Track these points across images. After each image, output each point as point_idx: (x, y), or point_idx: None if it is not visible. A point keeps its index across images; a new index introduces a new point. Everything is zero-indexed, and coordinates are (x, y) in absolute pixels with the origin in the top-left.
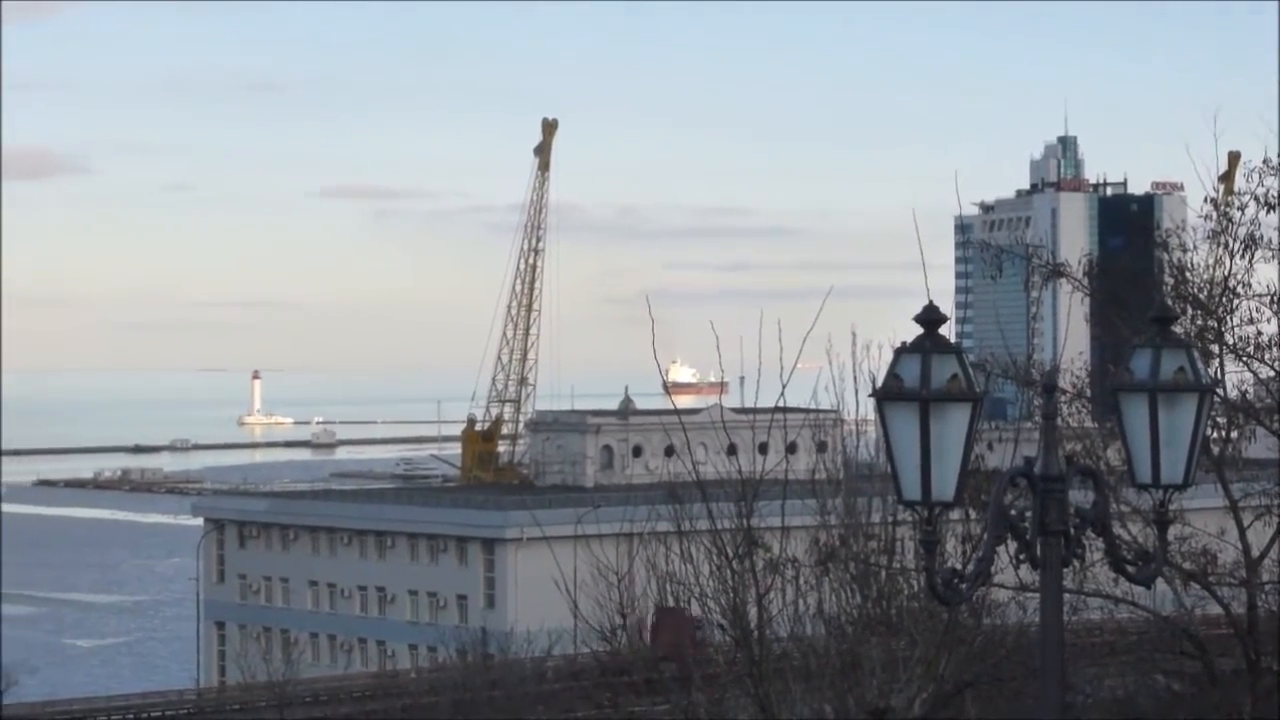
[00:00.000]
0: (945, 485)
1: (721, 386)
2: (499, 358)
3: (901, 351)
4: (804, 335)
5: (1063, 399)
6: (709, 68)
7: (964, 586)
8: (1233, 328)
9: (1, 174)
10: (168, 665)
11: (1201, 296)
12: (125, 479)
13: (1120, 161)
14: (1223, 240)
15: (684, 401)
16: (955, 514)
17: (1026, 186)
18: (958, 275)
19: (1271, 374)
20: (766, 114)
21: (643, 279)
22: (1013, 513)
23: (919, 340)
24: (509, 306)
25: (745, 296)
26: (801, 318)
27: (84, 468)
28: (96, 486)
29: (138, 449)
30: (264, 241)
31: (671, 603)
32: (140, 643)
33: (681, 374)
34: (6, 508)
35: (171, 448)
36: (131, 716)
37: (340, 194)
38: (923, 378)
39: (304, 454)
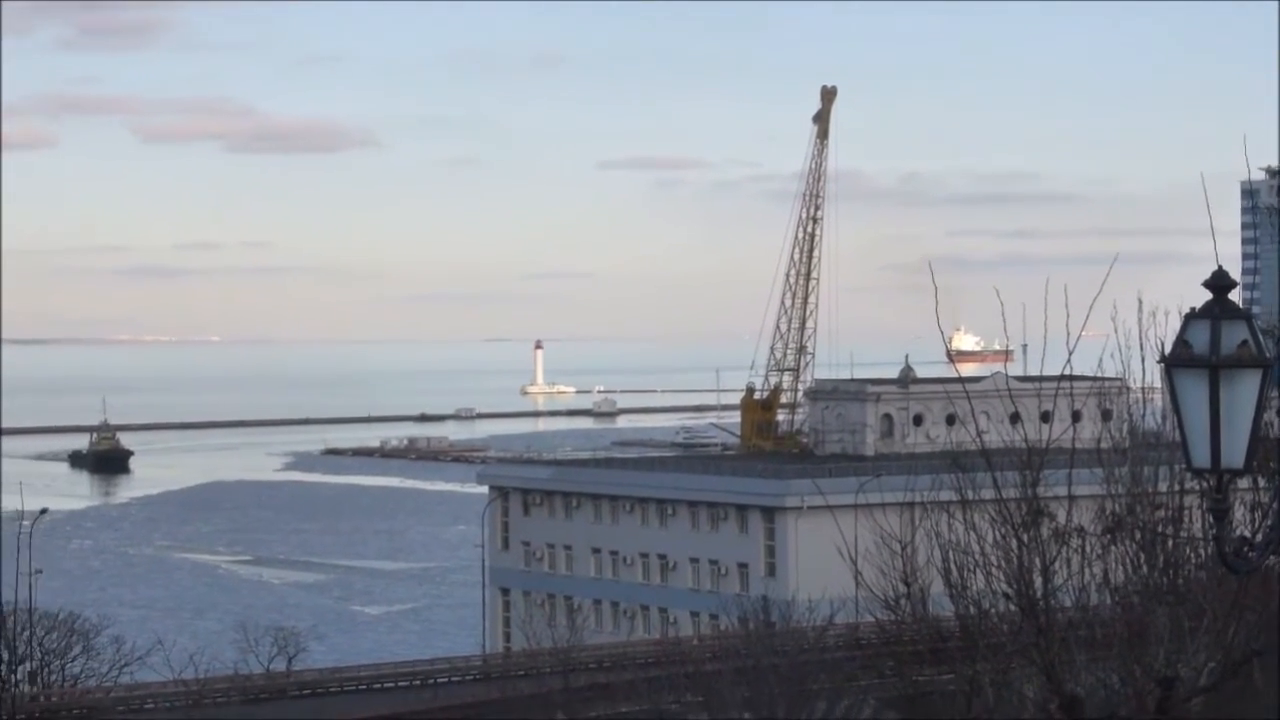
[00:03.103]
0: (1235, 452)
1: (1006, 354)
2: (778, 326)
3: (1190, 317)
4: (1089, 302)
5: None
6: (991, 33)
7: (1254, 555)
8: None
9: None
10: (454, 632)
11: None
12: (411, 447)
13: None
14: None
15: (967, 370)
16: (1244, 482)
17: None
18: (1245, 240)
19: None
20: (1053, 79)
21: (925, 246)
22: None
23: (1208, 306)
24: (788, 275)
25: (1030, 263)
26: (1087, 284)
27: (371, 437)
28: (383, 455)
29: (424, 418)
30: (548, 214)
31: (955, 572)
32: (426, 609)
33: (965, 342)
34: (296, 476)
35: (456, 417)
36: (418, 682)
37: (624, 165)
38: (1212, 344)
39: (585, 422)
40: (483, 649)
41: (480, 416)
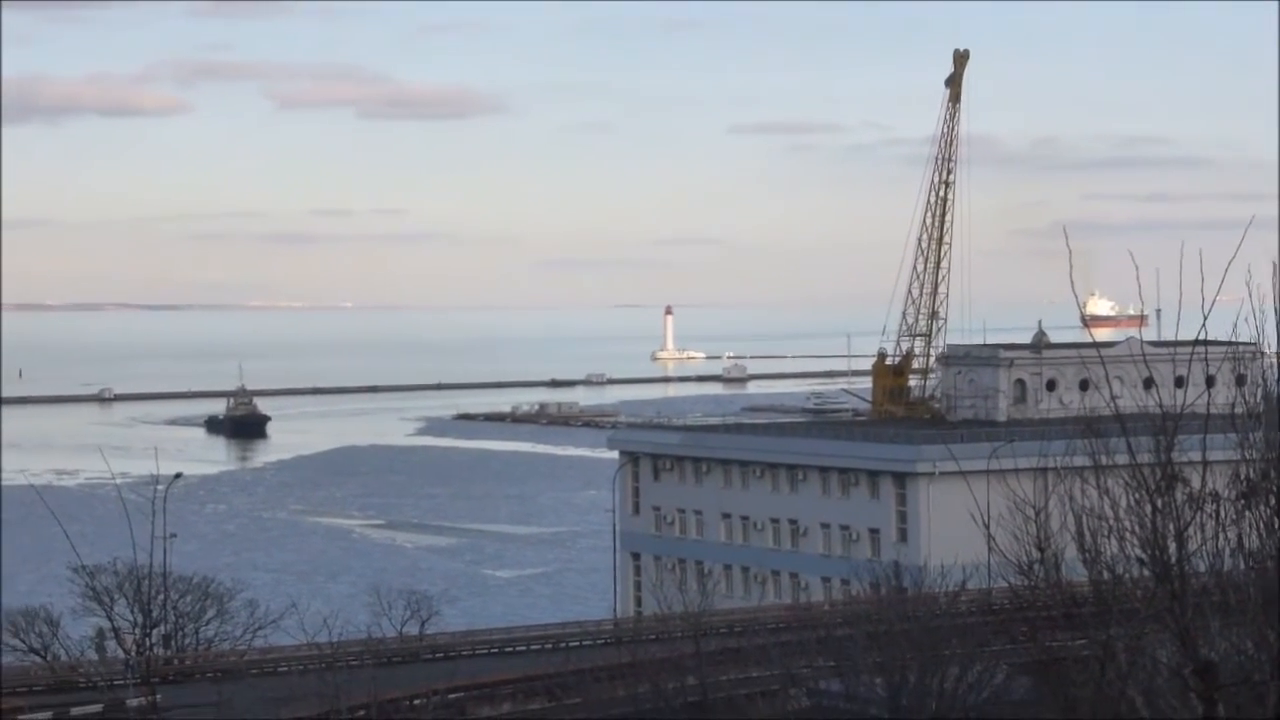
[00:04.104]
0: None
1: (1141, 319)
2: (909, 292)
3: None
4: (1224, 266)
5: None
6: None
7: None
8: None
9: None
10: (585, 595)
11: None
12: (542, 413)
13: None
14: None
15: (1102, 335)
16: None
17: None
18: None
19: None
20: (1187, 42)
21: (1058, 210)
22: None
23: None
24: (920, 240)
25: (1165, 227)
26: (1221, 248)
27: (502, 402)
28: (514, 420)
29: (554, 383)
30: (679, 179)
31: (1089, 538)
32: (558, 573)
33: (1099, 307)
34: (427, 440)
35: (587, 382)
36: (549, 646)
37: (755, 130)
38: None
39: (715, 388)
40: (614, 613)
41: (611, 382)
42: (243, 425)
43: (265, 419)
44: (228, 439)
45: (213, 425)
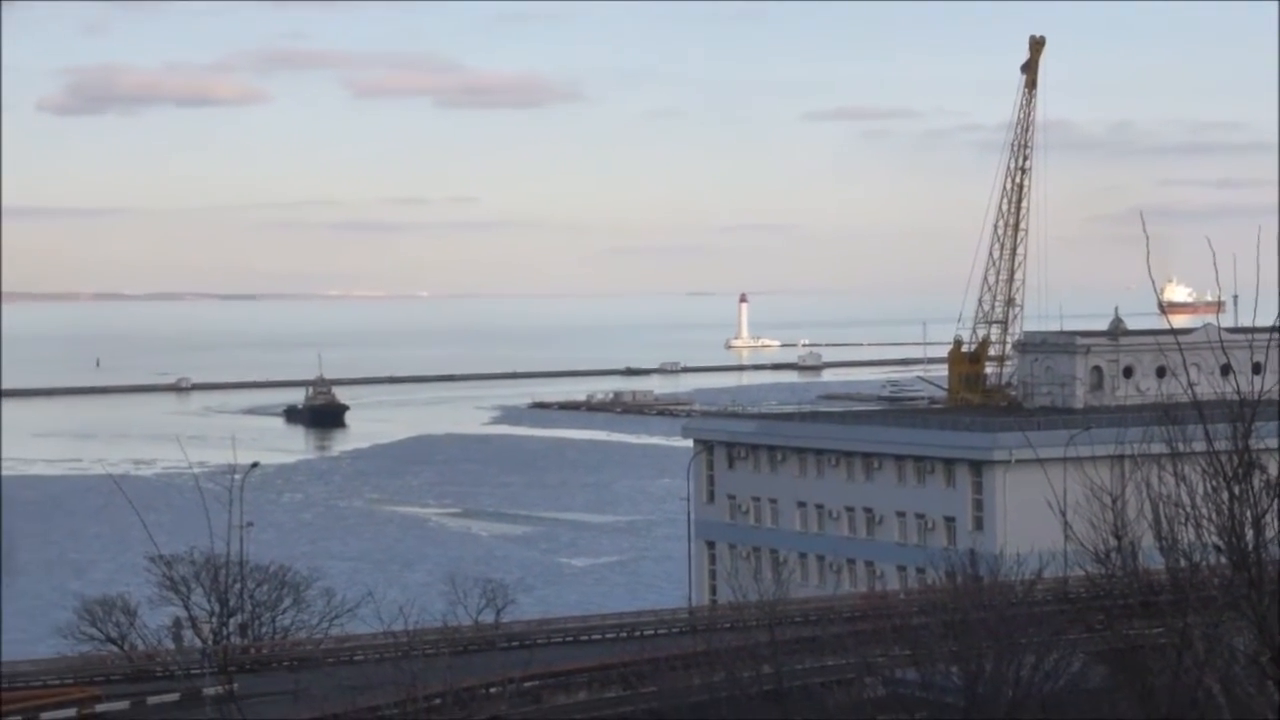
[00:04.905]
0: None
1: (1218, 305)
2: (985, 278)
3: None
4: None
5: None
6: None
7: None
8: None
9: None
10: (659, 584)
11: None
12: (617, 401)
13: None
14: None
15: (1179, 321)
16: None
17: None
18: None
19: None
20: (1259, 27)
21: (1135, 196)
22: None
23: None
24: (996, 226)
25: (1242, 213)
26: None
27: (577, 390)
28: (589, 409)
29: (629, 372)
30: (752, 166)
31: (1166, 525)
32: (632, 562)
33: (1177, 293)
34: (503, 429)
35: (661, 370)
36: (624, 634)
37: (830, 116)
38: None
39: (790, 376)
40: (689, 601)
41: (685, 370)
42: (322, 415)
43: (344, 408)
44: (307, 428)
45: (292, 415)
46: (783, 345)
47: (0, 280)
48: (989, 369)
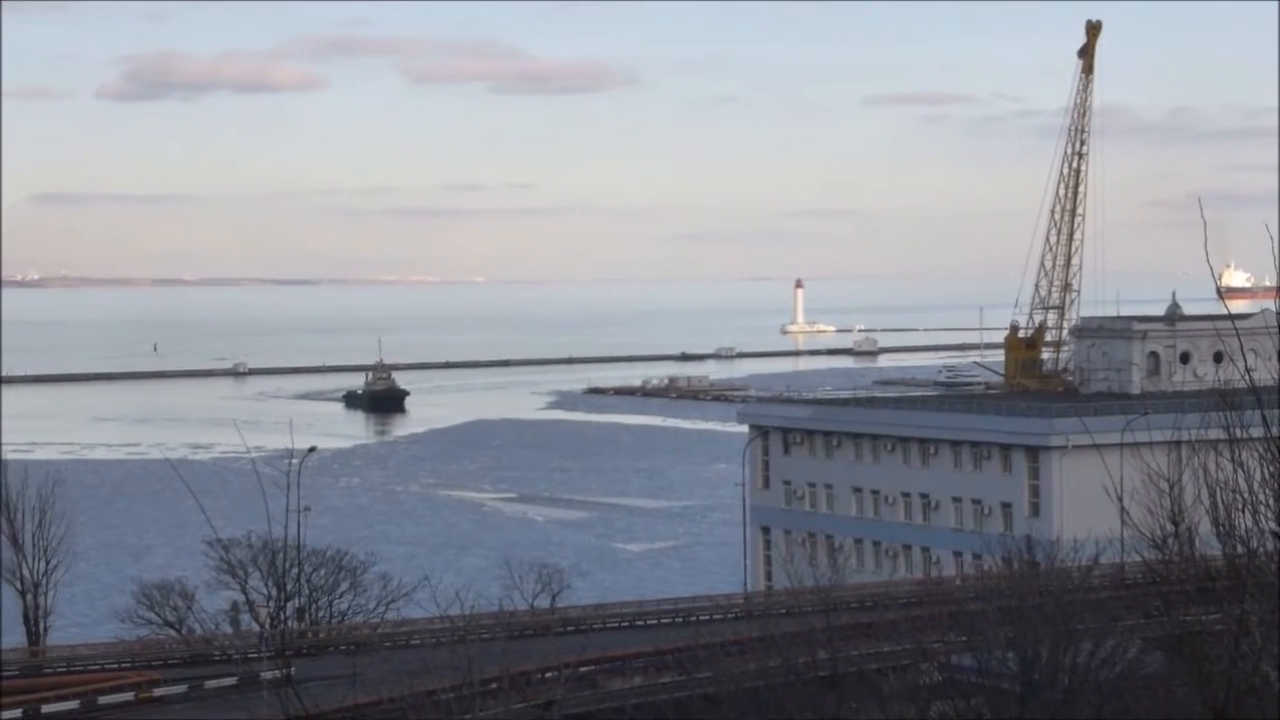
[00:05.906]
0: None
1: (1277, 291)
2: (1042, 263)
3: None
4: None
5: None
6: None
7: None
8: None
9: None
10: (715, 569)
11: None
12: (672, 386)
13: None
14: None
15: (1237, 307)
16: None
17: None
18: None
19: None
20: None
21: (1193, 181)
22: None
23: None
24: (1053, 211)
25: None
26: None
27: (632, 376)
28: (644, 394)
29: (684, 357)
30: (809, 151)
31: (1223, 511)
32: (688, 547)
33: (1235, 279)
34: (558, 414)
35: (717, 356)
36: (680, 620)
37: (887, 101)
38: None
39: (846, 361)
40: (744, 587)
41: (740, 355)
42: (382, 400)
43: (404, 394)
44: (366, 413)
45: (351, 400)
46: (838, 330)
47: None
48: (1045, 354)
